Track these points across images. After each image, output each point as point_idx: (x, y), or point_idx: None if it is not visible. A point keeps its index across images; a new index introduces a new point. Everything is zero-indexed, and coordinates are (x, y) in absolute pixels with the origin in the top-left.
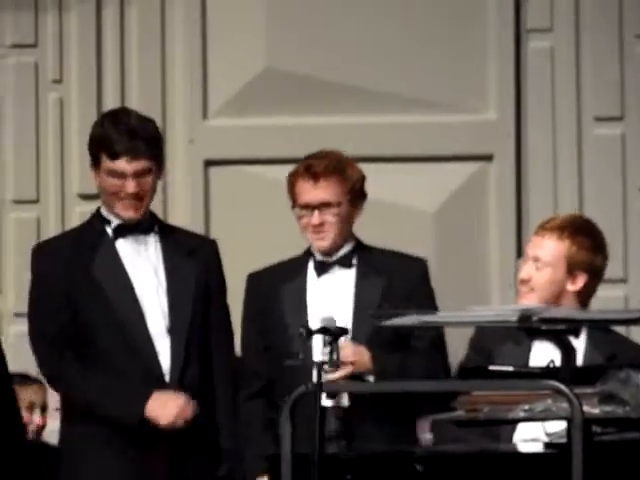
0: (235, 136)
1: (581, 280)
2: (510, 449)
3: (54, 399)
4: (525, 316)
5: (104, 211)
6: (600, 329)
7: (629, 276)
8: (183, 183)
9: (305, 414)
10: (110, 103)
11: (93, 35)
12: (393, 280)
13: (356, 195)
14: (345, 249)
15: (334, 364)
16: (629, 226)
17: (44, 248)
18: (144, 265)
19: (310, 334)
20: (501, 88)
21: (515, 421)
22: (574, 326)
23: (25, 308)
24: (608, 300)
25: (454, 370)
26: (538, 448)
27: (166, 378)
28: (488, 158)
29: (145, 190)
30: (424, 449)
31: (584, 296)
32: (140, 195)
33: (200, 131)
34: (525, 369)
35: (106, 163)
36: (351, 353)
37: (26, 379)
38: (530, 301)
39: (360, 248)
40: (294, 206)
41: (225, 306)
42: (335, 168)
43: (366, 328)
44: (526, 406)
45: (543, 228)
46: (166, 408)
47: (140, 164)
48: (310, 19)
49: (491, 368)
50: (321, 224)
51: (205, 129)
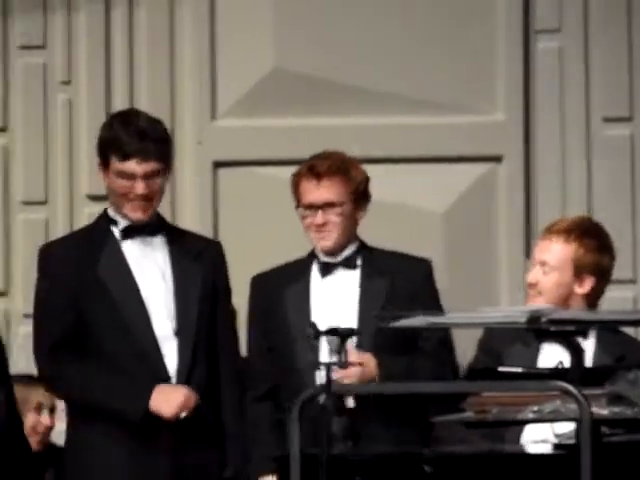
0: (244, 137)
1: (589, 283)
2: (518, 450)
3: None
4: (534, 317)
5: (111, 212)
6: (609, 330)
7: (638, 277)
8: (192, 184)
9: (309, 415)
10: (119, 104)
11: (102, 36)
12: (397, 281)
13: (360, 196)
14: (349, 250)
15: (342, 365)
16: (638, 227)
17: (51, 249)
18: (150, 267)
19: (318, 335)
20: (510, 89)
21: (524, 422)
22: (583, 327)
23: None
24: (617, 301)
25: (463, 371)
26: (547, 449)
27: (173, 380)
28: (497, 159)
29: (154, 191)
30: (432, 450)
31: (592, 298)
32: (149, 196)
33: (208, 132)
34: (534, 370)
35: (116, 164)
36: (357, 359)
37: (34, 380)
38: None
39: (364, 249)
40: (298, 206)
41: (230, 308)
42: (339, 168)
43: (371, 329)
44: (535, 407)
45: (549, 231)
46: (170, 400)
47: (150, 166)
48: (320, 19)
49: (500, 369)
50: (324, 224)
51: (213, 130)
